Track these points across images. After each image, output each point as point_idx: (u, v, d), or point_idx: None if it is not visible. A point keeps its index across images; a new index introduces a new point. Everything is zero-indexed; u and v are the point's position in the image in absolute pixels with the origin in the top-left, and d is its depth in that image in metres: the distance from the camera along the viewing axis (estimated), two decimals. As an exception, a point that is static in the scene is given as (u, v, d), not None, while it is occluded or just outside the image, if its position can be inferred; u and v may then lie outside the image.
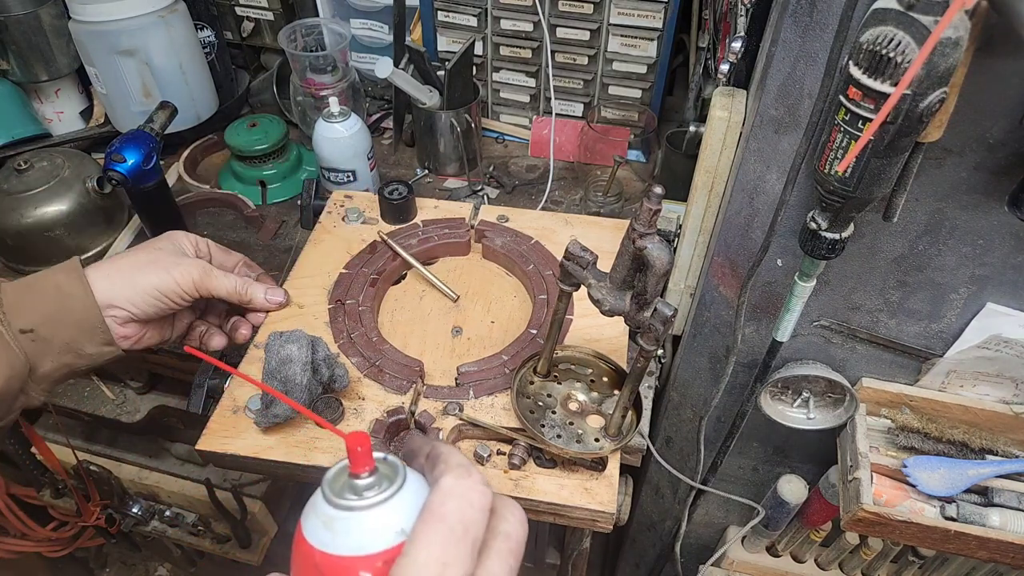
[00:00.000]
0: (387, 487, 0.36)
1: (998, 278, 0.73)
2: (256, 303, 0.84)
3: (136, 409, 1.25)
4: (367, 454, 0.37)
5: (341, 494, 0.36)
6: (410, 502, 0.36)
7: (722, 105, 0.77)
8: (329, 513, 0.36)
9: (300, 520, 0.38)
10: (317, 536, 0.36)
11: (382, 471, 0.38)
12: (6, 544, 1.36)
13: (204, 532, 1.40)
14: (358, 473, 0.37)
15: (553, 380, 0.80)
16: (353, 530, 0.35)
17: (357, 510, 0.36)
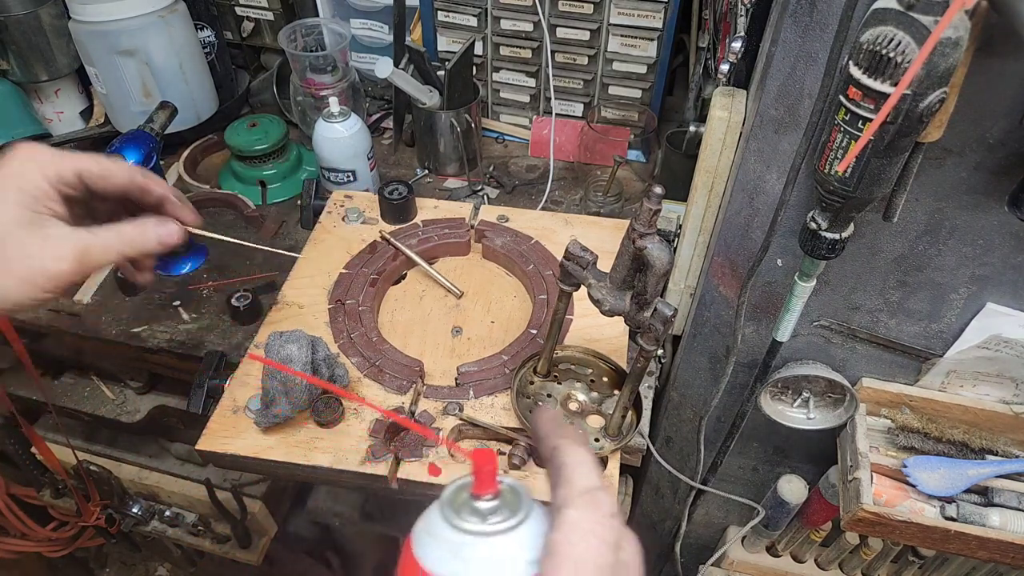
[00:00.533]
0: (512, 514, 0.34)
1: (998, 278, 0.73)
2: (150, 248, 0.61)
3: (136, 409, 1.25)
4: (493, 475, 0.34)
5: (465, 517, 0.34)
6: (535, 531, 0.34)
7: (722, 105, 0.77)
8: (453, 538, 0.33)
9: (411, 542, 0.35)
10: (441, 564, 0.33)
11: (506, 496, 0.35)
12: (6, 544, 1.36)
13: (204, 532, 1.40)
14: (481, 495, 0.34)
15: (553, 380, 0.80)
16: (482, 559, 0.32)
17: (485, 536, 0.33)
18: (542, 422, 0.40)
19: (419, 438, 0.76)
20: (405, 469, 0.74)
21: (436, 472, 0.73)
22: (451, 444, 0.75)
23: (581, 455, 0.35)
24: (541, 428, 0.39)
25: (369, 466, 0.73)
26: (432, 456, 0.74)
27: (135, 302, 1.09)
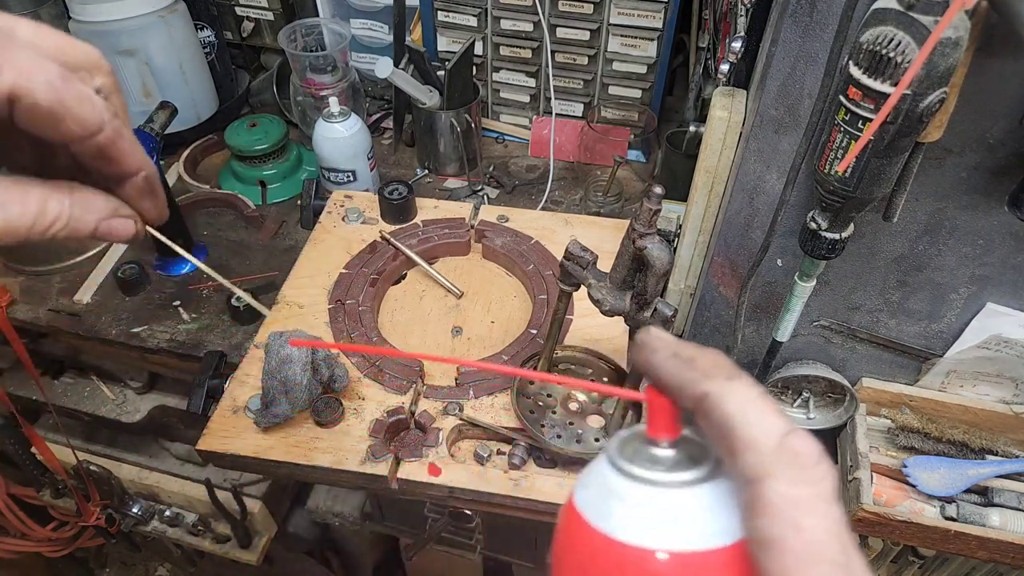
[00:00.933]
0: (694, 467, 0.27)
1: (998, 278, 0.73)
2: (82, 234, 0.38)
3: (136, 409, 1.25)
4: (673, 416, 0.28)
5: (638, 463, 0.27)
6: (720, 495, 0.26)
7: (722, 105, 0.77)
8: (622, 487, 0.27)
9: (573, 495, 0.29)
10: (608, 516, 0.27)
11: (686, 445, 0.28)
12: (6, 544, 1.36)
13: (204, 532, 1.40)
14: (657, 439, 0.28)
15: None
16: (658, 510, 0.26)
17: (661, 486, 0.26)
18: (659, 362, 0.27)
19: (419, 438, 0.76)
20: (405, 469, 0.74)
21: (436, 472, 0.73)
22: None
23: (747, 393, 0.25)
24: (663, 372, 0.27)
25: (369, 466, 0.73)
26: (432, 456, 0.74)
27: (135, 302, 1.09)
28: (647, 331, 0.29)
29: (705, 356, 0.27)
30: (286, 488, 1.39)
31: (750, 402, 0.25)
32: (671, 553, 0.25)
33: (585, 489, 0.29)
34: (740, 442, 0.24)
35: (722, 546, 0.25)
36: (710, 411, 0.25)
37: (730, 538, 0.25)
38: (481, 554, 1.21)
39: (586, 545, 0.27)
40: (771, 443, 0.24)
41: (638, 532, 0.25)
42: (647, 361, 0.28)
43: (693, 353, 0.27)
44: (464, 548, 1.20)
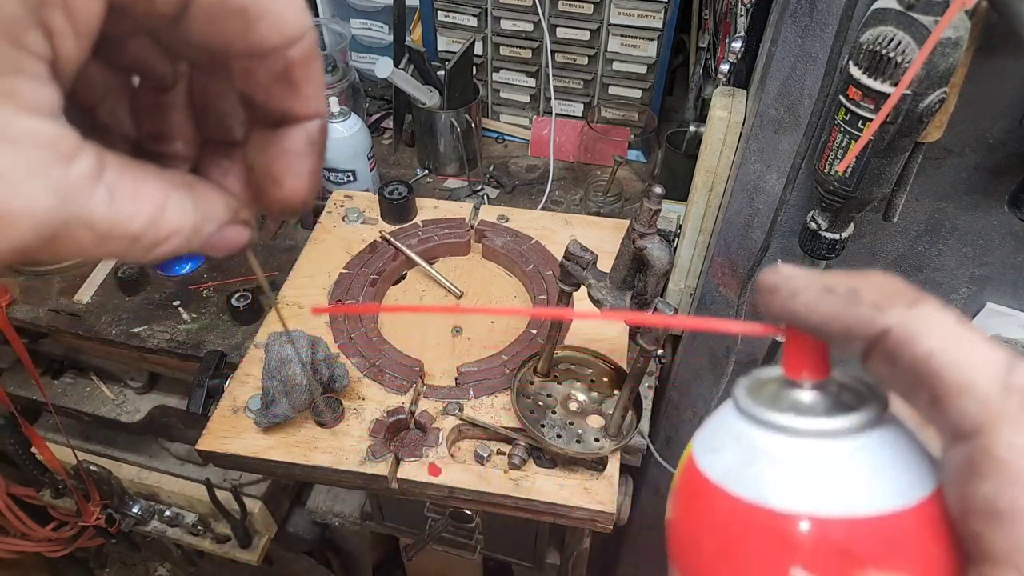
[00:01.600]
0: (851, 412, 0.22)
1: (998, 278, 0.73)
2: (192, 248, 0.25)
3: (136, 409, 1.25)
4: (820, 351, 0.23)
5: (776, 409, 0.22)
6: (893, 445, 0.21)
7: (722, 105, 0.77)
8: (756, 438, 0.22)
9: (693, 449, 0.24)
10: (738, 474, 0.22)
11: (839, 386, 0.23)
12: (6, 544, 1.36)
13: (204, 532, 1.40)
14: (798, 380, 0.23)
15: (553, 380, 0.80)
16: (805, 468, 0.21)
17: (805, 436, 0.21)
18: (809, 305, 0.22)
19: (419, 438, 0.76)
20: (405, 469, 0.74)
21: (436, 472, 0.73)
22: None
23: (944, 321, 0.20)
24: (819, 315, 0.22)
25: (369, 466, 0.73)
26: (432, 456, 0.74)
27: (135, 302, 1.09)
28: (775, 270, 0.23)
29: (870, 283, 0.21)
30: (286, 488, 1.39)
31: (952, 333, 0.19)
32: (846, 519, 0.20)
33: (715, 453, 0.23)
34: (951, 386, 0.19)
35: (906, 507, 0.20)
36: (897, 351, 0.20)
37: (915, 497, 0.20)
38: (481, 554, 1.21)
39: (734, 521, 0.21)
40: (994, 383, 0.18)
41: (803, 497, 0.20)
42: (789, 308, 0.22)
43: (853, 283, 0.21)
44: (464, 548, 1.20)
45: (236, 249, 0.26)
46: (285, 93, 0.25)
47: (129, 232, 0.22)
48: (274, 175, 0.26)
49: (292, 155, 0.26)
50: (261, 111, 0.25)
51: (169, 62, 0.26)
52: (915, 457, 0.21)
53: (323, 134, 0.26)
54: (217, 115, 0.27)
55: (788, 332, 0.23)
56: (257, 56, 0.23)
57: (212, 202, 0.25)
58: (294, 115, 0.25)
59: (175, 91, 0.27)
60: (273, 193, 0.26)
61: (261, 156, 0.26)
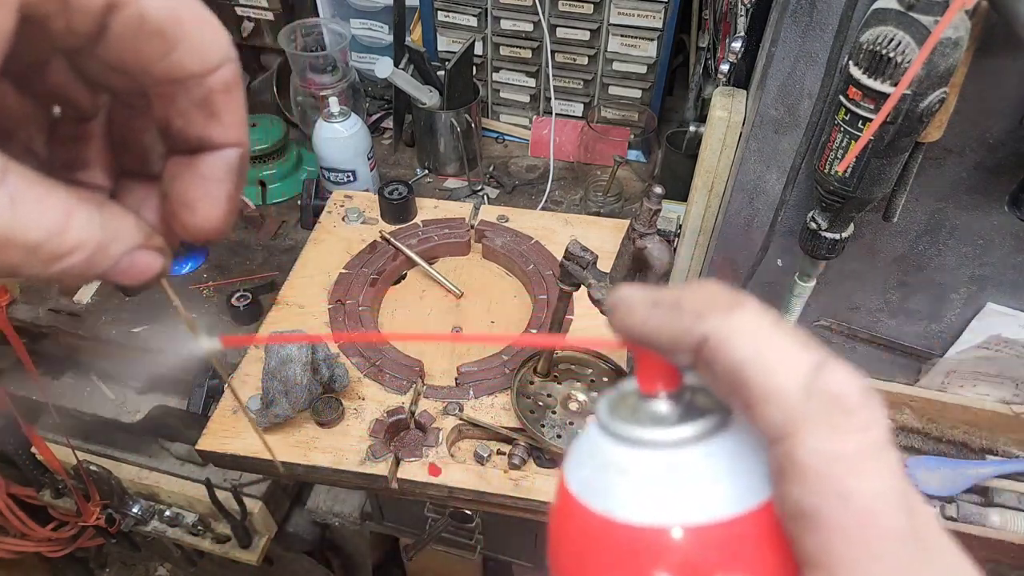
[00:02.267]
0: (699, 418, 0.22)
1: (998, 278, 0.73)
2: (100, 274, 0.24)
3: (136, 409, 1.25)
4: (666, 366, 0.23)
5: (630, 422, 0.22)
6: (737, 448, 0.22)
7: (722, 105, 0.77)
8: (614, 452, 0.22)
9: (564, 469, 0.24)
10: (599, 489, 0.22)
11: (689, 395, 0.23)
12: (6, 544, 1.36)
13: (204, 532, 1.40)
14: (651, 392, 0.23)
15: (553, 380, 0.80)
16: (658, 478, 0.21)
17: (659, 447, 0.22)
18: (640, 321, 0.22)
19: (419, 438, 0.76)
20: (405, 469, 0.74)
21: (436, 472, 0.73)
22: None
23: (756, 325, 0.20)
24: (649, 331, 0.22)
25: (369, 466, 0.73)
26: (432, 456, 0.74)
27: (135, 302, 1.09)
28: (615, 292, 0.23)
29: (692, 292, 0.21)
30: (286, 488, 1.39)
31: (762, 337, 0.19)
32: (688, 528, 0.20)
33: (577, 468, 0.23)
34: (757, 393, 0.19)
35: (748, 510, 0.20)
36: (713, 360, 0.20)
37: (757, 498, 0.20)
38: (481, 554, 1.21)
39: (585, 532, 0.22)
40: (797, 387, 0.18)
41: (646, 508, 0.21)
42: (627, 326, 0.22)
43: (677, 295, 0.21)
44: (464, 548, 1.20)
45: (148, 277, 0.25)
46: (204, 121, 0.24)
47: (27, 241, 0.21)
48: (188, 200, 0.25)
49: (208, 181, 0.25)
50: (179, 137, 0.25)
51: (88, 92, 0.26)
52: (757, 462, 0.21)
53: (243, 163, 0.26)
54: (136, 148, 0.27)
55: (634, 347, 0.23)
56: (176, 82, 0.23)
57: (122, 223, 0.24)
58: (213, 143, 0.25)
59: (94, 122, 0.27)
60: (186, 218, 0.25)
61: (176, 182, 0.25)
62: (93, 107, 0.27)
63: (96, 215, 0.23)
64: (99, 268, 0.23)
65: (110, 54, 0.23)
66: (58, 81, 0.25)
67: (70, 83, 0.25)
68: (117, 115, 0.27)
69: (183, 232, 0.26)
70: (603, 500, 0.22)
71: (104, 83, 0.25)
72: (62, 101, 0.26)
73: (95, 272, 0.23)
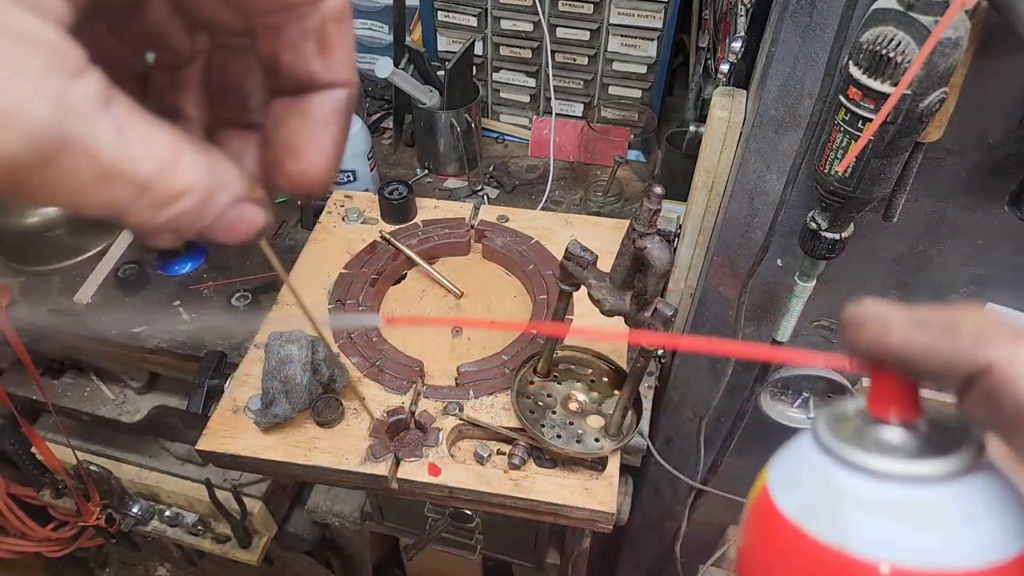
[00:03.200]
0: (946, 454, 0.20)
1: (998, 278, 0.73)
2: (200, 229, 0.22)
3: (136, 409, 1.25)
4: (910, 391, 0.22)
5: (861, 448, 0.21)
6: (992, 490, 0.20)
7: (722, 105, 0.77)
8: (839, 478, 0.20)
9: (768, 481, 0.22)
10: (820, 514, 0.20)
11: (930, 427, 0.22)
12: (6, 544, 1.36)
13: (204, 532, 1.40)
14: (885, 418, 0.22)
15: (553, 380, 0.80)
16: (894, 513, 0.19)
17: (898, 481, 0.20)
18: (903, 339, 0.20)
19: (419, 438, 0.76)
20: (405, 469, 0.74)
21: (436, 472, 0.73)
22: None
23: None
24: (915, 350, 0.20)
25: (369, 466, 0.73)
26: (432, 456, 0.74)
27: (135, 302, 1.09)
28: (862, 304, 0.21)
29: (970, 316, 0.19)
30: (286, 488, 1.39)
31: None
32: (936, 573, 0.19)
33: (793, 488, 0.21)
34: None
35: (999, 562, 0.19)
36: (999, 391, 0.18)
37: (1010, 552, 0.19)
38: (481, 554, 1.21)
39: (809, 562, 0.20)
40: None
41: (886, 545, 0.19)
42: (884, 342, 0.20)
43: (950, 316, 0.20)
44: (464, 548, 1.20)
45: (251, 233, 0.23)
46: (315, 54, 0.22)
47: (137, 175, 0.19)
48: (294, 145, 0.23)
49: (316, 123, 0.23)
50: (287, 75, 0.23)
51: (188, 33, 0.24)
52: (1012, 508, 0.20)
53: (350, 104, 0.24)
54: (235, 95, 0.25)
55: (875, 368, 0.22)
56: (289, 7, 0.21)
57: (228, 171, 0.22)
58: (322, 81, 0.23)
59: (190, 69, 0.25)
60: (291, 166, 0.23)
61: (281, 126, 0.23)
62: (191, 51, 0.25)
63: (203, 159, 0.21)
64: (207, 218, 0.22)
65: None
66: (157, 21, 0.23)
67: (170, 23, 0.23)
68: (216, 59, 0.25)
69: (287, 183, 0.24)
70: (836, 533, 0.20)
71: (207, 19, 0.23)
72: (159, 45, 0.24)
73: (200, 224, 0.22)
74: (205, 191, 0.21)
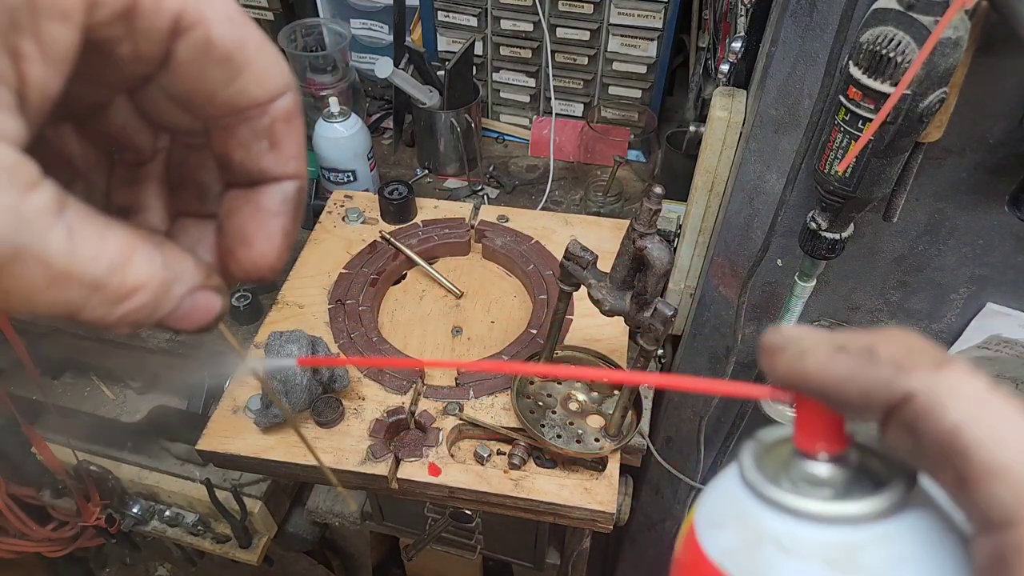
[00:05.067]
0: (878, 489, 0.19)
1: (998, 278, 0.73)
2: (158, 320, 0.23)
3: (136, 409, 1.25)
4: (835, 423, 0.20)
5: (787, 485, 0.20)
6: (927, 528, 0.19)
7: (722, 105, 0.77)
8: (763, 519, 0.19)
9: (695, 523, 0.21)
10: (743, 559, 0.19)
11: (858, 458, 0.21)
12: (6, 544, 1.36)
13: (204, 532, 1.40)
14: (812, 452, 0.20)
15: (553, 380, 0.80)
16: (820, 557, 0.18)
17: (823, 522, 0.19)
18: (820, 365, 0.20)
19: (419, 438, 0.76)
20: (405, 469, 0.74)
21: (436, 472, 0.73)
22: None
23: (974, 388, 0.17)
24: (832, 377, 0.19)
25: (369, 466, 0.73)
26: (432, 456, 0.74)
27: (135, 302, 1.09)
28: (776, 331, 0.21)
29: (889, 340, 0.19)
30: (286, 488, 1.39)
31: (984, 403, 0.17)
32: None
33: (717, 528, 0.20)
34: (980, 468, 0.16)
35: None
36: (920, 422, 0.18)
37: None
38: (481, 554, 1.21)
39: None
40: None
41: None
42: (799, 369, 0.20)
43: (869, 340, 0.19)
44: (464, 548, 1.20)
45: (209, 319, 0.24)
46: (265, 151, 0.24)
47: (88, 275, 0.20)
48: (245, 234, 0.25)
49: (266, 214, 0.25)
50: (239, 170, 0.24)
51: (150, 132, 0.26)
52: (946, 547, 0.18)
53: (300, 195, 0.25)
54: (193, 187, 0.27)
55: (798, 398, 0.20)
56: (239, 111, 0.23)
57: (183, 262, 0.23)
58: (272, 174, 0.24)
59: (152, 165, 0.27)
60: (242, 254, 0.25)
61: (233, 216, 0.25)
62: (152, 149, 0.27)
63: (157, 253, 0.22)
64: (163, 311, 0.23)
65: (175, 83, 0.22)
66: (120, 123, 0.25)
67: (132, 124, 0.25)
68: (176, 155, 0.27)
69: (238, 269, 0.25)
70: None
71: (166, 121, 0.25)
72: (123, 143, 0.26)
73: (157, 316, 0.23)
74: (160, 285, 0.22)
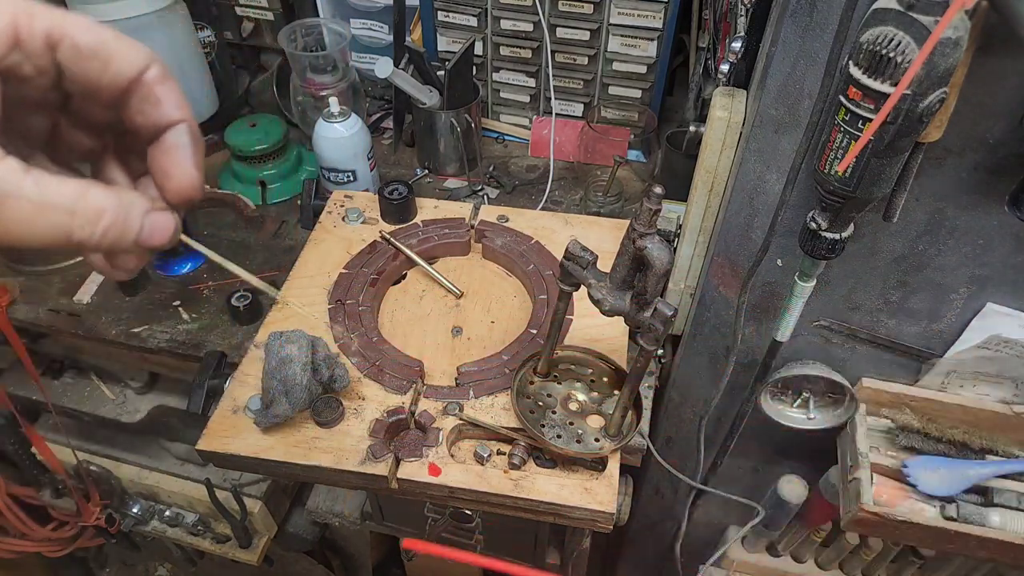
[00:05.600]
0: None
1: (998, 278, 0.73)
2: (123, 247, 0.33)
3: (136, 409, 1.25)
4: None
5: None
6: None
7: (722, 105, 0.77)
8: None
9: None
10: None
11: None
12: (6, 544, 1.36)
13: (204, 532, 1.40)
14: None
15: (553, 380, 0.80)
16: None
17: None
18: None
19: (419, 438, 0.76)
20: (405, 469, 0.74)
21: (436, 472, 0.73)
22: None
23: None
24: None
25: (369, 466, 0.73)
26: (432, 456, 0.74)
27: (135, 302, 1.09)
28: None
29: None
30: (286, 488, 1.39)
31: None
32: None
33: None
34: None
35: None
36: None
37: None
38: (481, 554, 1.21)
39: None
40: None
41: None
42: None
43: None
44: (464, 548, 1.20)
45: (171, 233, 0.34)
46: (153, 109, 0.34)
47: (61, 203, 0.29)
48: (166, 171, 0.35)
49: (172, 150, 0.35)
50: (144, 130, 0.35)
51: (94, 136, 0.38)
52: None
53: (194, 132, 0.35)
54: (135, 156, 0.38)
55: None
56: (122, 88, 0.33)
57: (131, 195, 0.33)
58: (165, 123, 0.35)
59: (106, 153, 0.38)
60: (167, 184, 0.35)
61: (154, 161, 0.35)
62: (102, 144, 0.38)
63: (111, 191, 0.32)
64: (132, 230, 0.32)
65: (74, 85, 0.32)
66: (73, 140, 0.37)
67: (79, 138, 0.37)
68: (117, 140, 0.38)
69: (172, 197, 0.35)
70: None
71: (97, 120, 0.36)
72: (81, 152, 0.37)
73: (130, 236, 0.32)
74: (118, 208, 0.31)
